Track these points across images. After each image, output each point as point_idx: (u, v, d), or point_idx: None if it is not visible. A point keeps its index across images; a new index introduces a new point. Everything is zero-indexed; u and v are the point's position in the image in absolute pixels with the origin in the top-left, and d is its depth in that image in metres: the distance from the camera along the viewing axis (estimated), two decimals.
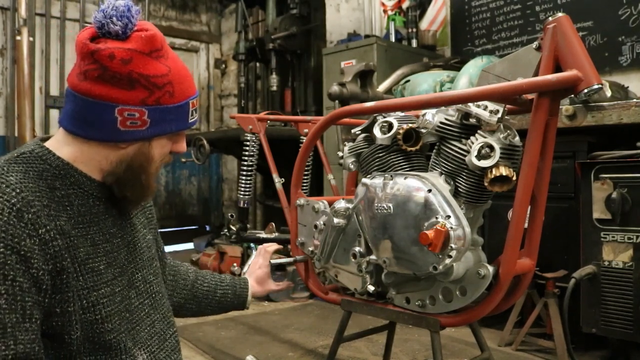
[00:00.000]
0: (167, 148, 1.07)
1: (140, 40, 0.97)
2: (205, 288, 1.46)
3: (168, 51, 1.02)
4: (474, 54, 3.89)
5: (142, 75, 0.96)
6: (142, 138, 1.01)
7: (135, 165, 1.03)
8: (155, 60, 0.98)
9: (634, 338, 1.96)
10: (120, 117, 0.97)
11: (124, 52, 0.95)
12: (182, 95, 1.02)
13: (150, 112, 0.98)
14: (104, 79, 0.95)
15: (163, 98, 0.99)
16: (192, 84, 1.06)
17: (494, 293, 1.29)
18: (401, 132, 1.43)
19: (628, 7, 3.18)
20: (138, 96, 0.97)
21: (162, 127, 1.01)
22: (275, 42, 4.83)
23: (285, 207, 2.18)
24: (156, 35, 0.99)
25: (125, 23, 0.97)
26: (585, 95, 1.16)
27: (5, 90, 5.02)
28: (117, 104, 0.96)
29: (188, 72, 1.06)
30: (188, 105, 1.04)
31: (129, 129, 0.98)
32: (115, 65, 0.94)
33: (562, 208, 2.42)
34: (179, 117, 1.03)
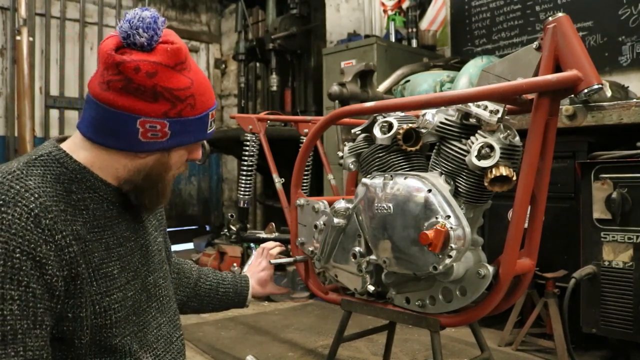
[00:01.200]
0: (185, 157, 1.08)
1: (166, 53, 0.98)
2: (207, 286, 1.47)
3: (191, 63, 1.03)
4: (474, 54, 3.89)
5: (166, 88, 0.97)
6: (162, 149, 1.02)
7: (153, 174, 1.04)
8: (179, 73, 0.99)
9: (634, 338, 1.96)
10: (142, 129, 0.98)
11: (150, 65, 0.95)
12: (203, 107, 1.03)
13: (171, 124, 0.99)
14: (127, 91, 0.96)
15: (185, 110, 1.00)
16: (212, 95, 1.07)
17: (494, 293, 1.29)
18: (401, 132, 1.43)
19: (628, 7, 3.18)
20: (161, 109, 0.97)
21: (181, 138, 1.02)
22: (275, 42, 4.83)
23: (285, 207, 2.18)
24: (181, 48, 1.00)
25: (151, 35, 0.97)
26: (585, 95, 1.16)
27: (5, 90, 5.02)
28: (139, 115, 0.97)
29: (209, 83, 1.07)
30: (208, 117, 1.05)
31: (150, 140, 0.99)
32: (140, 78, 0.95)
33: (562, 208, 2.41)
34: (199, 128, 1.04)
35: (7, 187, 0.89)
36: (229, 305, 1.51)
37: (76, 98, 5.24)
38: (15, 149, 4.86)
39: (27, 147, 4.55)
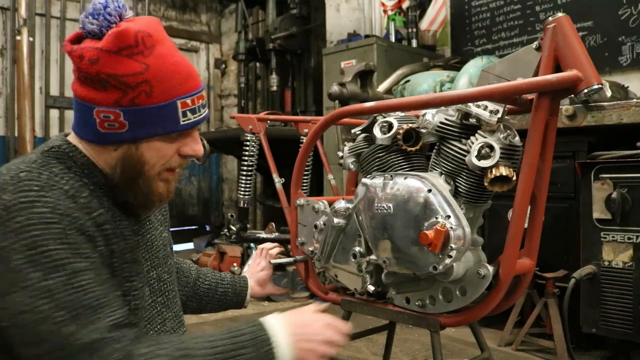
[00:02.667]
0: (168, 151, 1.00)
1: (108, 38, 0.92)
2: (206, 286, 1.46)
3: (154, 47, 0.95)
4: (474, 54, 3.89)
5: (111, 75, 0.91)
6: (124, 140, 0.96)
7: (127, 168, 0.98)
8: (126, 59, 0.92)
9: (634, 338, 1.96)
10: (98, 119, 0.94)
11: (92, 52, 0.92)
12: (165, 95, 0.95)
13: (125, 114, 0.93)
14: (81, 80, 0.94)
15: (138, 98, 0.93)
16: (187, 82, 0.98)
17: (494, 293, 1.29)
18: (401, 132, 1.43)
19: (628, 7, 3.18)
20: (112, 97, 0.92)
21: (144, 130, 0.95)
22: (275, 42, 4.84)
23: (285, 207, 2.18)
24: (127, 31, 0.92)
25: (101, 21, 0.93)
26: (585, 95, 1.16)
27: (5, 90, 5.02)
28: (93, 105, 0.93)
29: (181, 69, 0.98)
30: (174, 106, 0.96)
31: (108, 131, 0.95)
32: (85, 65, 0.92)
33: (562, 208, 2.41)
34: (164, 118, 0.96)
35: (36, 174, 0.89)
36: (228, 305, 1.50)
37: None
38: (15, 149, 4.86)
39: (27, 147, 4.55)
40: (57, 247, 0.83)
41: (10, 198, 0.84)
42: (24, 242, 0.82)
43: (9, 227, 0.82)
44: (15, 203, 0.84)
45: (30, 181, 0.87)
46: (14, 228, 0.82)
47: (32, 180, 0.87)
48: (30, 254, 0.82)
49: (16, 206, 0.83)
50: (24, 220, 0.83)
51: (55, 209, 0.85)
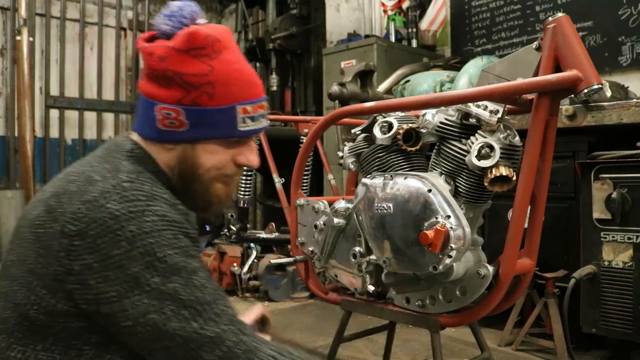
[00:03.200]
0: (223, 157, 1.01)
1: (179, 37, 0.96)
2: None
3: (220, 52, 0.97)
4: (474, 54, 3.89)
5: (176, 73, 0.94)
6: (182, 140, 0.98)
7: (183, 170, 1.00)
8: (194, 59, 0.95)
9: (634, 338, 1.96)
10: (160, 116, 0.96)
11: (162, 50, 0.95)
12: (227, 99, 0.96)
13: (186, 113, 0.95)
14: (148, 77, 0.97)
15: (200, 99, 0.95)
16: (249, 89, 1.00)
17: (494, 293, 1.29)
18: (401, 132, 1.43)
19: (628, 7, 3.18)
20: (174, 95, 0.95)
21: (202, 131, 0.97)
22: (275, 42, 4.84)
23: (285, 207, 2.18)
24: (198, 33, 0.95)
25: (175, 22, 0.97)
26: (585, 95, 1.16)
27: (5, 90, 5.02)
28: (156, 101, 0.96)
29: (244, 76, 1.00)
30: (234, 110, 0.97)
31: (168, 128, 0.97)
32: (154, 62, 0.95)
33: (562, 208, 2.41)
34: (223, 122, 0.97)
35: (139, 184, 0.90)
36: None
37: (76, 98, 5.24)
38: (15, 149, 4.86)
39: (27, 147, 4.55)
40: (171, 252, 0.86)
41: (117, 207, 0.85)
42: (140, 250, 0.84)
43: (120, 235, 0.84)
44: (124, 212, 0.85)
45: (135, 191, 0.88)
46: (126, 237, 0.84)
47: (137, 190, 0.89)
48: (148, 261, 0.84)
49: (125, 216, 0.85)
50: (136, 230, 0.84)
51: (164, 217, 0.88)
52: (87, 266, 0.83)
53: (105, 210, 0.85)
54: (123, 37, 5.66)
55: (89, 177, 0.90)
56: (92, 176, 0.90)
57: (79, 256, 0.83)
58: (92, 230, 0.83)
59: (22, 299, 0.86)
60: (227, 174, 1.03)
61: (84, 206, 0.85)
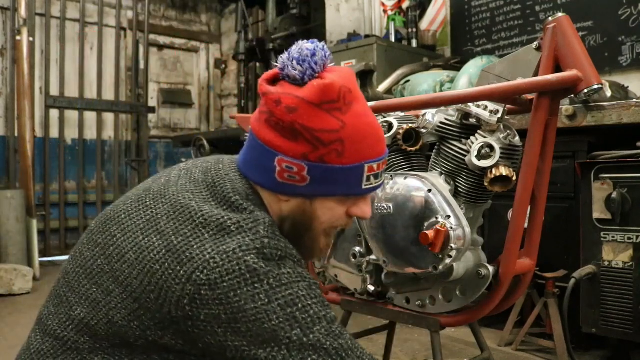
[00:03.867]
0: (339, 211, 0.97)
1: (311, 88, 0.89)
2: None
3: (352, 104, 0.91)
4: (474, 54, 3.89)
5: (306, 127, 0.87)
6: (300, 194, 0.93)
7: (297, 222, 0.95)
8: (326, 113, 0.88)
9: (634, 338, 1.96)
10: (279, 168, 0.90)
11: (292, 100, 0.88)
12: (355, 157, 0.91)
13: (310, 169, 0.89)
14: (270, 124, 0.91)
15: (329, 156, 0.89)
16: (377, 146, 0.94)
17: (494, 293, 1.29)
18: (401, 132, 1.43)
19: (628, 7, 3.18)
20: (300, 149, 0.88)
21: (324, 188, 0.92)
22: (276, 42, 4.84)
23: None
24: (333, 85, 0.89)
25: (306, 68, 0.90)
26: (585, 95, 1.16)
27: (5, 90, 5.02)
28: (277, 152, 0.90)
29: (373, 132, 0.94)
30: (361, 169, 0.92)
31: (287, 182, 0.91)
32: (280, 112, 0.88)
33: (562, 208, 2.41)
34: (348, 180, 0.92)
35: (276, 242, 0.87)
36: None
37: (76, 98, 5.24)
38: (15, 149, 4.86)
39: (27, 147, 4.54)
40: (311, 302, 0.85)
41: (255, 261, 0.83)
42: (280, 302, 0.83)
43: (258, 289, 0.82)
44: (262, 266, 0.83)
45: (273, 249, 0.86)
46: (264, 290, 0.82)
47: (275, 248, 0.86)
48: (289, 313, 0.83)
49: (264, 269, 0.83)
50: (275, 282, 0.83)
51: (296, 271, 0.87)
52: (215, 316, 0.81)
53: (243, 263, 0.82)
54: (123, 37, 5.66)
55: (221, 225, 0.85)
56: (226, 223, 0.86)
57: (206, 306, 0.80)
58: (226, 283, 0.80)
59: (121, 319, 0.84)
60: (338, 226, 1.01)
61: (219, 257, 0.81)
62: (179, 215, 0.87)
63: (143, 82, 5.76)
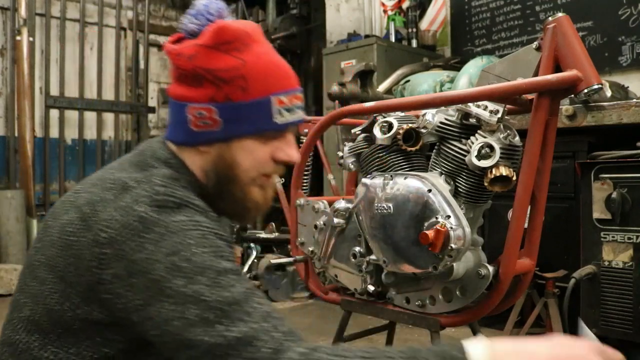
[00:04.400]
0: (261, 154, 0.96)
1: (207, 34, 0.92)
2: None
3: (251, 45, 0.93)
4: (474, 54, 3.89)
5: (206, 69, 0.91)
6: (217, 139, 0.93)
7: (220, 173, 0.95)
8: (224, 54, 0.91)
9: (634, 338, 1.96)
10: (192, 117, 0.92)
11: (190, 48, 0.92)
12: (261, 91, 0.92)
13: (220, 110, 0.91)
14: (178, 79, 0.95)
15: (234, 94, 0.91)
16: (283, 79, 0.95)
17: (494, 293, 1.29)
18: (401, 132, 1.43)
19: (628, 7, 3.18)
20: (206, 93, 0.91)
21: (237, 127, 0.93)
22: (275, 42, 4.84)
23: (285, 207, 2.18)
24: (226, 27, 0.92)
25: (202, 21, 0.94)
26: (585, 95, 1.16)
27: (5, 90, 5.02)
28: (186, 102, 0.93)
29: (278, 69, 0.95)
30: (268, 102, 0.93)
31: (202, 129, 0.93)
32: (182, 62, 0.92)
33: (562, 208, 2.41)
34: (258, 115, 0.93)
35: (172, 190, 0.87)
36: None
37: (76, 98, 5.24)
38: (15, 149, 4.86)
39: (27, 147, 4.55)
40: (198, 250, 0.82)
41: (146, 209, 0.83)
42: (164, 250, 0.81)
43: (146, 238, 0.81)
44: (152, 215, 0.82)
45: (167, 196, 0.86)
46: (151, 238, 0.81)
47: (169, 195, 0.86)
48: (172, 261, 0.80)
49: (153, 217, 0.82)
50: (162, 230, 0.82)
51: (193, 219, 0.85)
52: (116, 275, 0.81)
53: (135, 214, 0.82)
54: (123, 37, 5.66)
55: (124, 184, 0.87)
56: (127, 182, 0.87)
57: (109, 265, 0.81)
58: (121, 237, 0.81)
59: (55, 304, 0.84)
60: (265, 173, 0.98)
61: (117, 212, 0.83)
62: (94, 187, 0.89)
63: (143, 82, 5.76)
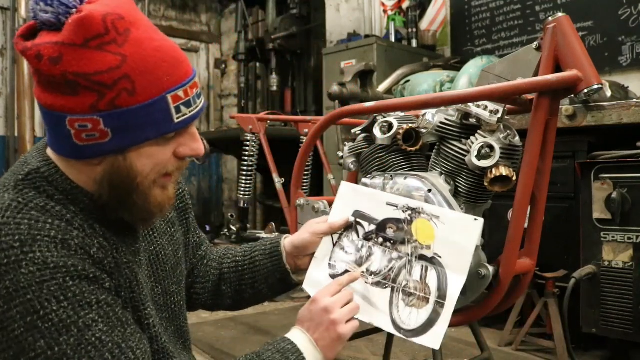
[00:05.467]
0: (162, 156, 0.83)
1: (69, 28, 0.73)
2: (230, 262, 1.23)
3: (128, 31, 0.76)
4: (474, 54, 3.89)
5: (80, 74, 0.74)
6: (108, 152, 0.79)
7: (116, 184, 0.81)
8: (96, 52, 0.74)
9: (634, 338, 1.96)
10: (73, 130, 0.77)
11: (51, 48, 0.74)
12: (152, 90, 0.77)
13: (106, 120, 0.76)
14: (44, 85, 0.77)
15: (119, 99, 0.75)
16: (176, 69, 0.79)
17: (494, 293, 1.29)
18: (401, 132, 1.42)
19: (628, 7, 3.18)
20: (85, 102, 0.75)
21: (131, 136, 0.78)
22: (275, 42, 4.84)
23: (285, 207, 2.18)
24: (92, 17, 0.73)
25: (57, 7, 0.74)
26: (585, 95, 1.16)
27: (5, 90, 5.02)
28: (64, 113, 0.76)
29: (166, 54, 0.79)
30: (165, 102, 0.78)
31: (88, 142, 0.77)
32: (45, 67, 0.74)
33: (562, 208, 2.42)
34: (154, 119, 0.78)
35: (14, 227, 0.75)
36: (265, 277, 1.18)
37: None
38: (15, 149, 4.86)
39: (27, 147, 4.55)
40: (57, 306, 0.74)
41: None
42: (19, 310, 0.72)
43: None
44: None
45: (8, 237, 0.74)
46: (2, 295, 0.72)
47: (10, 234, 0.74)
48: (30, 322, 0.73)
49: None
50: (12, 285, 0.72)
51: (45, 264, 0.74)
52: None
53: None
54: None
55: None
56: None
57: None
58: None
59: None
60: (168, 172, 0.86)
61: None
62: None
63: None
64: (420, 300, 1.04)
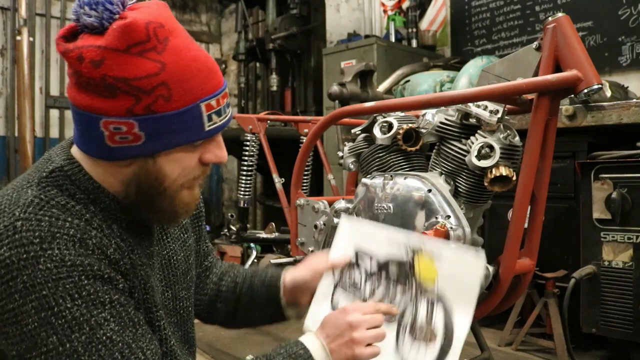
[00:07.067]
0: (190, 162, 0.86)
1: (112, 33, 0.76)
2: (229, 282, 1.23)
3: (167, 40, 0.79)
4: (474, 54, 3.89)
5: (119, 79, 0.76)
6: (139, 155, 0.82)
7: (144, 186, 0.85)
8: (137, 58, 0.77)
9: (634, 338, 1.96)
10: (107, 132, 0.79)
11: (94, 52, 0.76)
12: (187, 98, 0.80)
13: (141, 124, 0.78)
14: (81, 86, 0.79)
15: (156, 105, 0.78)
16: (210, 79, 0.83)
17: (494, 293, 1.29)
18: (401, 132, 1.43)
19: (628, 7, 3.18)
20: (122, 105, 0.77)
21: (163, 141, 0.81)
22: (275, 42, 4.84)
23: (285, 207, 2.18)
24: (135, 24, 0.77)
25: (101, 11, 0.77)
26: (585, 95, 1.16)
27: (5, 90, 5.02)
28: (100, 115, 0.78)
29: (202, 65, 0.82)
30: (198, 110, 0.81)
31: (120, 144, 0.80)
32: (86, 69, 0.77)
33: (562, 208, 2.41)
34: (186, 126, 0.81)
35: (35, 223, 0.77)
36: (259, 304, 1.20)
37: None
38: (15, 149, 4.86)
39: (27, 147, 4.55)
40: (71, 304, 0.76)
41: (8, 254, 0.74)
42: (34, 305, 0.74)
43: (12, 287, 0.74)
44: (15, 260, 0.74)
45: (28, 232, 0.76)
46: (19, 289, 0.74)
47: (30, 231, 0.76)
48: (44, 317, 0.74)
49: (17, 264, 0.74)
50: (29, 280, 0.74)
51: (62, 261, 0.76)
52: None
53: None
54: None
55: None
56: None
57: None
58: None
59: None
60: (194, 177, 0.89)
61: None
62: None
63: None
64: (426, 339, 1.01)
